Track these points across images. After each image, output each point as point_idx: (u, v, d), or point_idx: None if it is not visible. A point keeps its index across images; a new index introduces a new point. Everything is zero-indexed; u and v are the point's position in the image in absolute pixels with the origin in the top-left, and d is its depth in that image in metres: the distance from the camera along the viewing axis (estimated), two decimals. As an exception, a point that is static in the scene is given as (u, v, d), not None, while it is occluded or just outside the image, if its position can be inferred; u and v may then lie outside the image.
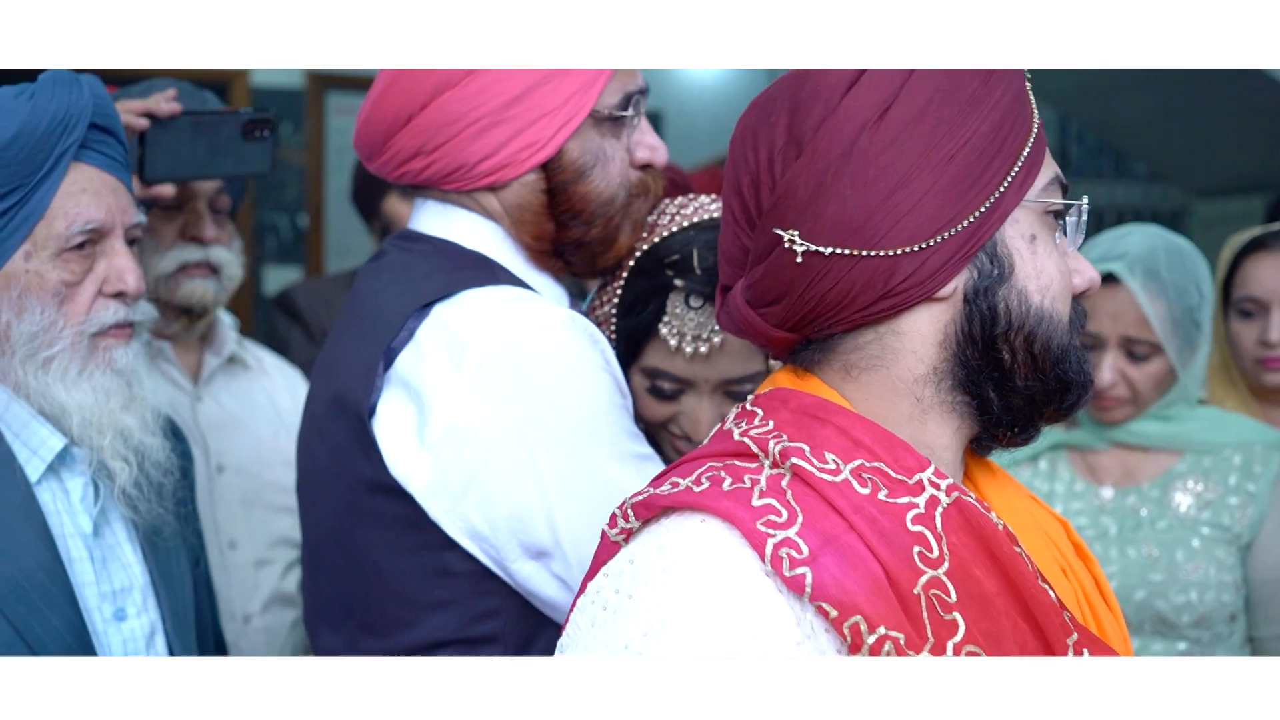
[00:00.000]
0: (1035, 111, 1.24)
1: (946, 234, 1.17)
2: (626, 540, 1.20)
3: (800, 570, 1.10)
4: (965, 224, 1.18)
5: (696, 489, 1.16)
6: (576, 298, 1.88)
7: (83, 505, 1.74)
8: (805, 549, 1.11)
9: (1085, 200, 1.25)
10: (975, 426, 1.26)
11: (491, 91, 1.62)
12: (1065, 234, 1.26)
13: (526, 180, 1.67)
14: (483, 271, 1.66)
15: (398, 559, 1.60)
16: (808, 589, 1.09)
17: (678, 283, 1.73)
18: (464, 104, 1.63)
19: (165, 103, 2.07)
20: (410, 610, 1.61)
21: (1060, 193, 1.25)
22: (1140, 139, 7.04)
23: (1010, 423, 1.25)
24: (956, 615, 1.13)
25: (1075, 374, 1.23)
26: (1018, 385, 1.22)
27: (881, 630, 1.10)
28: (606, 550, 1.22)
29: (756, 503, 1.14)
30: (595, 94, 1.65)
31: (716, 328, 1.71)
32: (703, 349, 1.72)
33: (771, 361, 1.79)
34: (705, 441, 1.28)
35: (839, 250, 1.18)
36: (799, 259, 1.20)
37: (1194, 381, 2.41)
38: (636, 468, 1.60)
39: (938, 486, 1.18)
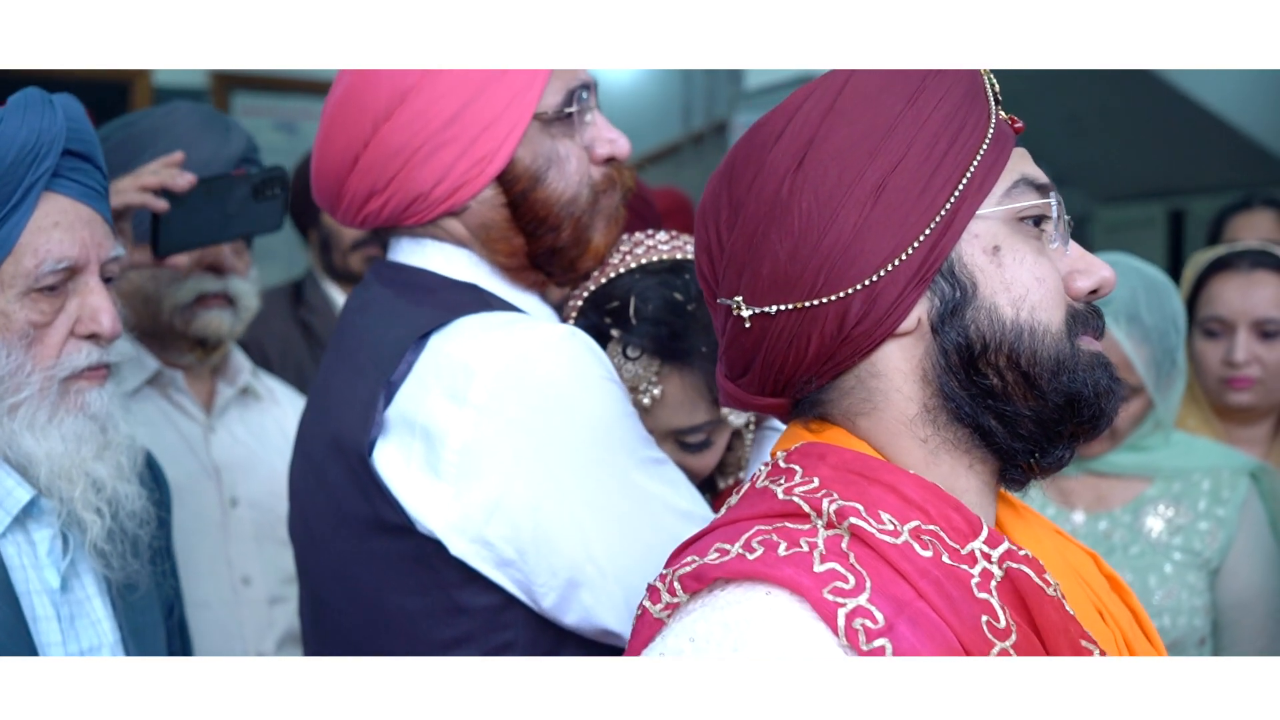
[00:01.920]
0: (992, 115, 1.17)
1: (890, 266, 1.12)
2: (670, 615, 1.11)
3: (879, 642, 1.03)
4: (910, 251, 1.12)
5: (750, 556, 1.08)
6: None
7: (50, 559, 1.61)
8: (880, 618, 1.04)
9: (1052, 199, 1.17)
10: (992, 460, 1.19)
11: (428, 115, 1.58)
12: (1064, 233, 1.18)
13: (484, 197, 1.62)
14: (473, 298, 1.61)
15: (406, 599, 1.55)
16: None
17: (614, 333, 1.69)
18: (403, 133, 1.58)
19: (180, 176, 1.98)
20: (420, 650, 1.56)
21: (1033, 194, 1.17)
22: (1044, 145, 7.14)
23: (1027, 450, 1.17)
24: None
25: (1084, 385, 1.15)
26: (1020, 410, 1.15)
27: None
28: (649, 627, 1.13)
29: (819, 568, 1.06)
30: (535, 97, 1.60)
31: (655, 379, 1.68)
32: (644, 400, 1.68)
33: (723, 410, 1.74)
34: (735, 501, 1.20)
35: (783, 306, 1.15)
36: (747, 324, 1.17)
37: (1170, 414, 2.42)
38: (658, 473, 1.57)
39: (989, 558, 1.12)
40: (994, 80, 1.21)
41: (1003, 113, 1.20)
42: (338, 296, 3.45)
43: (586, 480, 1.51)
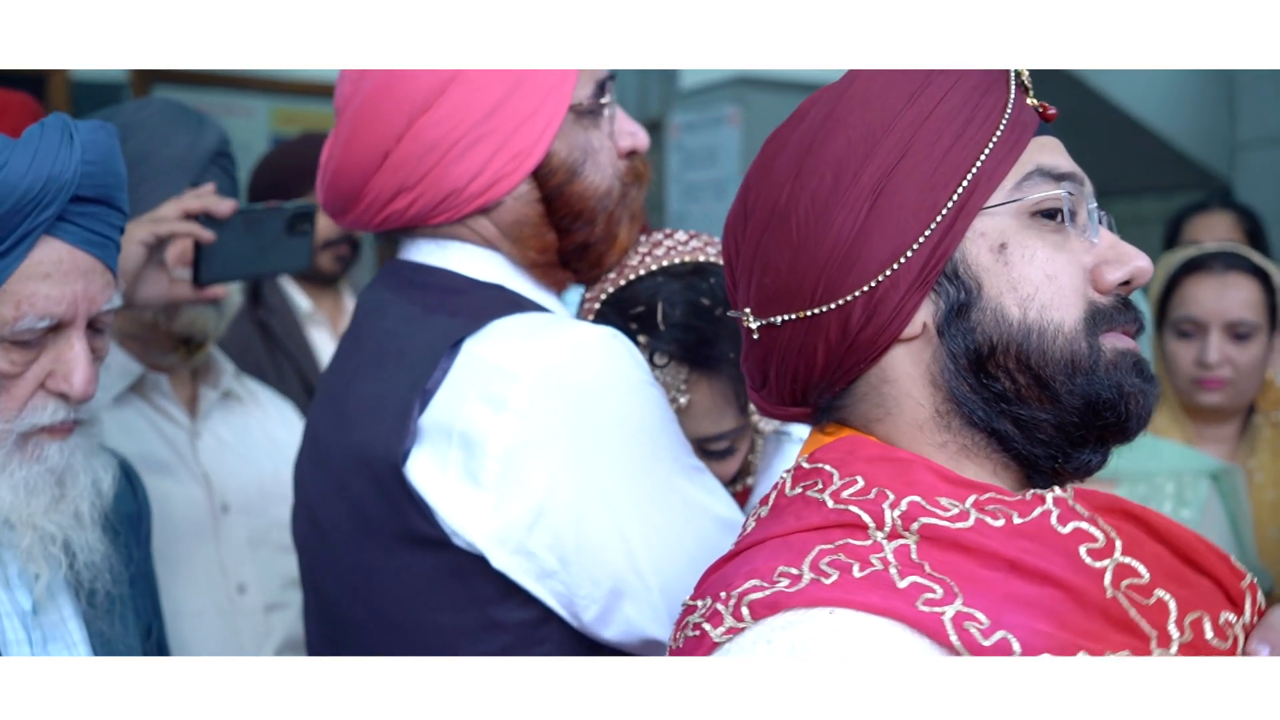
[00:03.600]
0: (1008, 105, 1.13)
1: (889, 270, 1.09)
2: (730, 638, 1.05)
3: (998, 635, 0.98)
4: (909, 255, 1.09)
5: (826, 581, 1.02)
6: None
7: (21, 580, 1.52)
8: (984, 618, 0.99)
9: (1064, 189, 1.12)
10: (1015, 465, 1.14)
11: (467, 108, 1.52)
12: (1095, 223, 1.13)
13: (519, 193, 1.57)
14: (503, 299, 1.55)
15: (438, 615, 1.49)
16: (1016, 650, 0.98)
17: (641, 339, 1.64)
18: (440, 127, 1.52)
19: (221, 201, 1.95)
20: None
21: (1049, 184, 1.12)
22: (964, 146, 7.23)
23: (1049, 456, 1.12)
24: (1160, 593, 1.04)
25: (1103, 386, 1.10)
26: (1036, 414, 1.10)
27: (1109, 656, 1.00)
28: (705, 650, 1.06)
29: (901, 584, 1.02)
30: (570, 89, 1.57)
31: (683, 387, 1.64)
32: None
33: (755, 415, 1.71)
34: (766, 511, 1.15)
35: (787, 316, 1.14)
36: (755, 335, 1.17)
37: None
38: (700, 480, 1.52)
39: (1053, 488, 1.10)
40: (1021, 69, 1.17)
41: (1032, 100, 1.16)
42: (298, 297, 3.34)
43: (630, 487, 1.46)
